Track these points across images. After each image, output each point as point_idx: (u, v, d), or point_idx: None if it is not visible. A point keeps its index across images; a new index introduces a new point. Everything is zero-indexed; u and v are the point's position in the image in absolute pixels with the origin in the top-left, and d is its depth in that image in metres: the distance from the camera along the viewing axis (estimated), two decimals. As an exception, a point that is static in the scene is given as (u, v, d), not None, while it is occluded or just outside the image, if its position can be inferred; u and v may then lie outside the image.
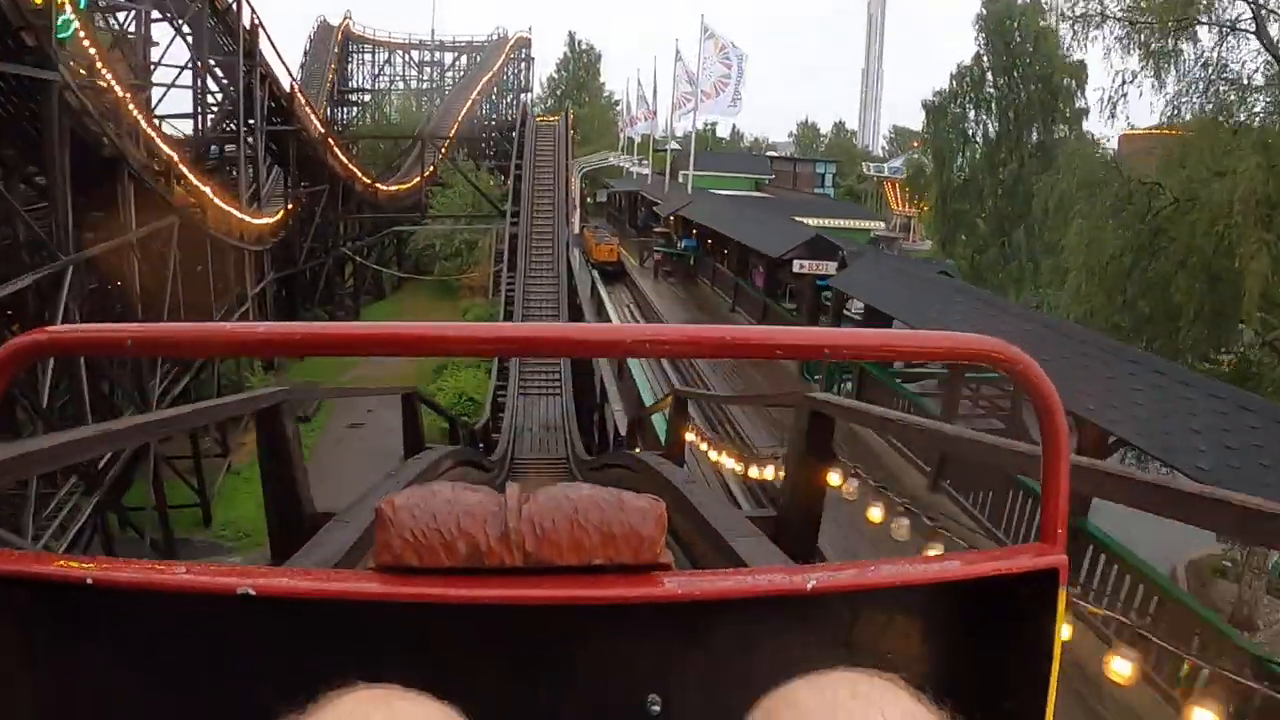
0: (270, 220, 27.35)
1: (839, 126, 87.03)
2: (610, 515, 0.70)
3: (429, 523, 0.68)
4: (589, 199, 43.06)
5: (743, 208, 23.39)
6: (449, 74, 63.28)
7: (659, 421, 8.30)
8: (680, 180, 36.36)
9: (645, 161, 39.30)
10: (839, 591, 0.70)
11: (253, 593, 0.65)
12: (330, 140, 32.15)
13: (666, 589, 0.69)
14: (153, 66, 24.45)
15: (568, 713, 0.71)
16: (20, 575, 0.65)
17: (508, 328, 0.77)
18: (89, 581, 0.65)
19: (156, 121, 24.43)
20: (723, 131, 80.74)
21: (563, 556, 0.69)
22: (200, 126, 25.91)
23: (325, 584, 0.69)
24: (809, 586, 0.69)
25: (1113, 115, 15.52)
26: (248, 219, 23.91)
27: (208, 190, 19.73)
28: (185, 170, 18.31)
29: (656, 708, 0.69)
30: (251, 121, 26.96)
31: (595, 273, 24.60)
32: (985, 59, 40.92)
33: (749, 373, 15.77)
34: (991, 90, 41.30)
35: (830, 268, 14.14)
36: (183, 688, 0.67)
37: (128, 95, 14.85)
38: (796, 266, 14.37)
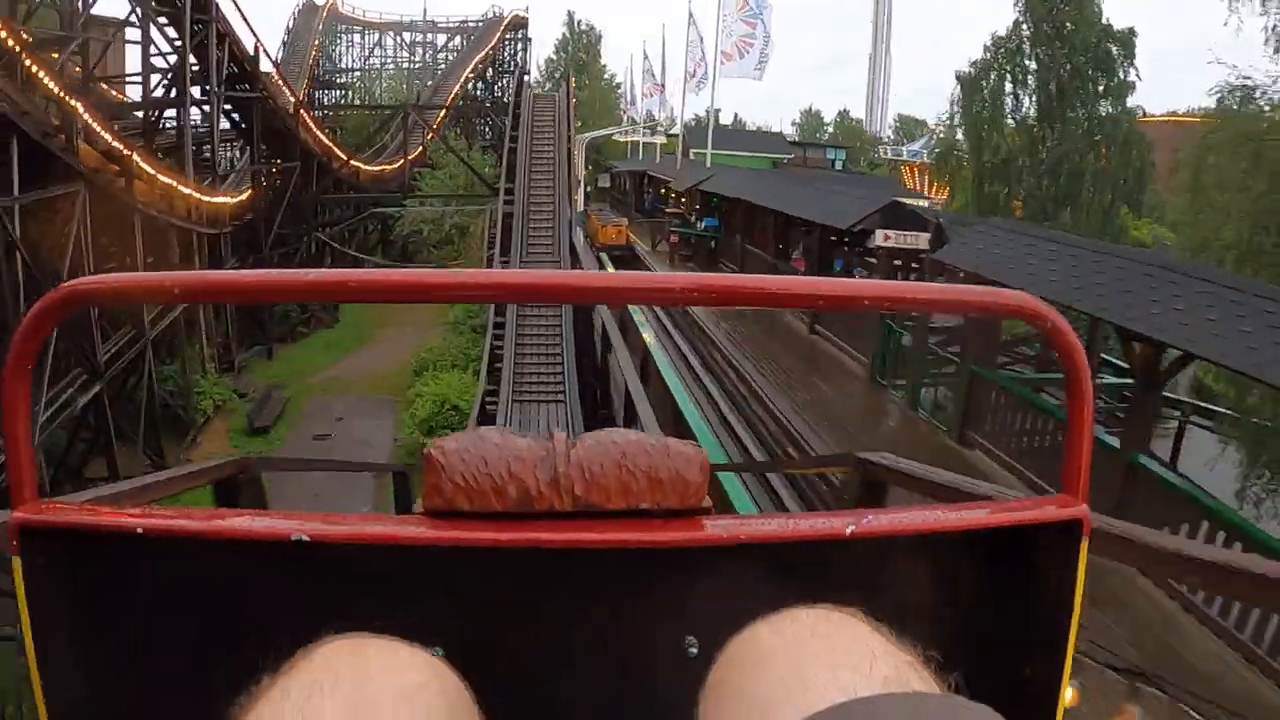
0: (229, 199, 23.85)
1: (844, 115, 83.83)
2: (657, 460, 0.71)
3: (480, 467, 0.69)
4: (588, 187, 39.76)
5: (778, 179, 19.93)
6: (442, 55, 60.54)
7: (732, 484, 4.91)
8: (692, 159, 33.08)
9: (660, 129, 35.86)
10: (874, 537, 0.71)
11: (307, 538, 0.65)
12: (302, 111, 28.61)
13: (711, 533, 0.70)
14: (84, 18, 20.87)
15: (610, 653, 0.71)
16: (67, 526, 0.65)
17: (529, 274, 0.70)
18: (139, 531, 0.65)
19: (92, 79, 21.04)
20: (725, 120, 77.39)
21: (611, 501, 0.70)
22: (147, 90, 22.38)
23: (381, 529, 0.69)
24: (848, 531, 0.70)
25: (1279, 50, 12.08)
26: (195, 194, 20.39)
27: (134, 155, 16.19)
28: (97, 126, 14.80)
29: (694, 650, 0.69)
30: (208, 87, 23.52)
31: (604, 256, 21.17)
32: (1025, 27, 37.47)
33: (814, 383, 12.37)
34: (1030, 63, 37.92)
35: (921, 239, 10.74)
36: (227, 637, 0.67)
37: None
38: (880, 238, 10.94)
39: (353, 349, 27.90)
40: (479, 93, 47.28)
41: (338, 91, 55.45)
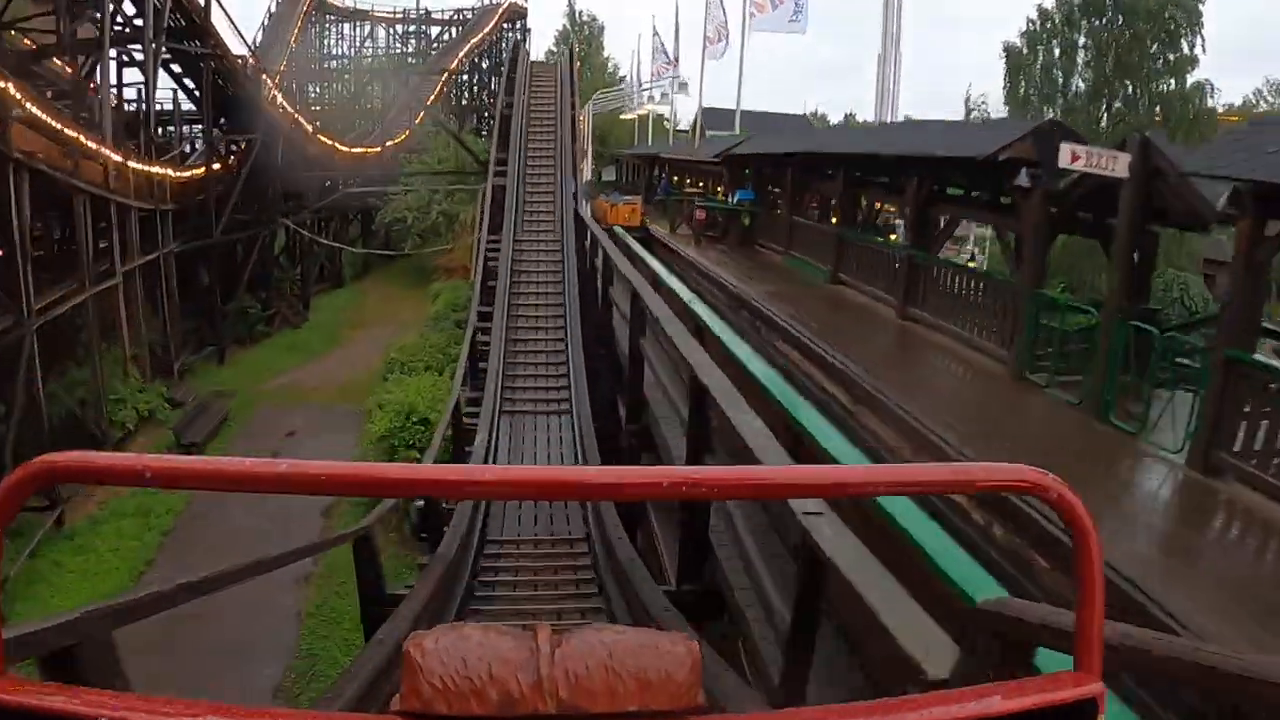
0: (169, 171, 20.05)
1: (850, 118, 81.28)
2: (646, 660, 0.68)
3: (459, 669, 0.65)
4: (592, 179, 36.25)
5: (840, 134, 16.08)
6: (435, 46, 57.51)
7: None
8: (708, 138, 29.44)
9: (686, 86, 32.24)
10: None
11: None
12: (264, 75, 24.87)
13: None
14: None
15: None
16: (42, 711, 0.62)
17: (541, 470, 0.69)
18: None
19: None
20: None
21: (597, 704, 0.66)
22: (61, 37, 18.59)
23: None
24: None
25: None
26: (113, 156, 16.58)
27: (9, 86, 12.40)
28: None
29: None
30: (143, 43, 19.77)
31: (620, 229, 17.42)
32: (1075, -7, 33.80)
33: (935, 386, 8.58)
34: (1080, 36, 34.25)
35: (1121, 163, 7.00)
36: None
37: None
38: (1066, 158, 7.16)
39: (321, 351, 24.13)
40: (475, 85, 43.99)
41: (325, 84, 52.62)
